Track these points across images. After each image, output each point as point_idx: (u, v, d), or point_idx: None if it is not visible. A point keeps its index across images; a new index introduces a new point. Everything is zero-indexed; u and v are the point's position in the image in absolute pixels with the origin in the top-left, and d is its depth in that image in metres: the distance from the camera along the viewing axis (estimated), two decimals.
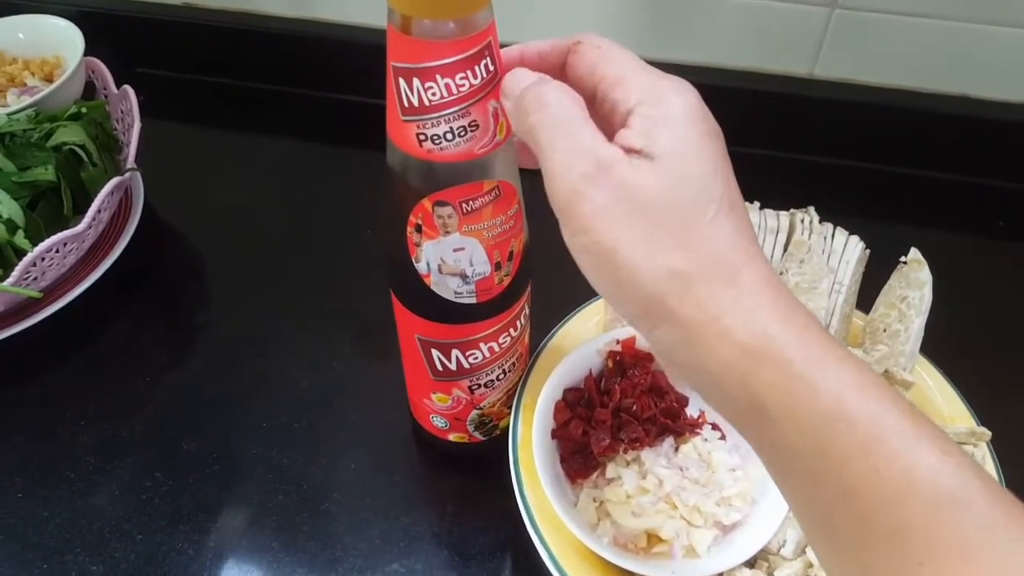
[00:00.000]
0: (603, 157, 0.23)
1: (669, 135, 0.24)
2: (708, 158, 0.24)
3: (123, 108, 0.59)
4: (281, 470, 0.47)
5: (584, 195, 0.23)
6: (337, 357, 0.53)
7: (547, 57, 0.29)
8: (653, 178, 0.23)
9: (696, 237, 0.23)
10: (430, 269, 0.33)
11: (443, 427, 0.44)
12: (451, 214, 0.31)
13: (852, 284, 0.46)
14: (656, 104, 0.24)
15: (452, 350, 0.38)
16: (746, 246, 0.23)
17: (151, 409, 0.51)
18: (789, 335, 0.22)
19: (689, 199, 0.23)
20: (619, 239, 0.23)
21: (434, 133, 0.28)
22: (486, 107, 0.29)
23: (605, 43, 0.27)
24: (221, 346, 0.54)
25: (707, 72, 0.66)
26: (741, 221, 0.24)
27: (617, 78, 0.25)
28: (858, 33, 0.61)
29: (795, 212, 0.47)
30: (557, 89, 0.25)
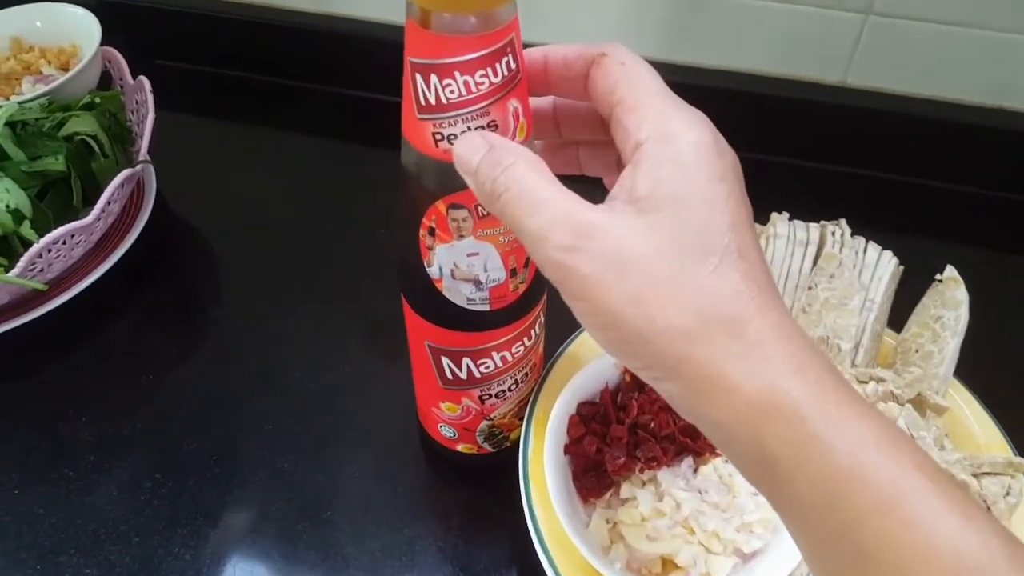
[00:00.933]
0: (580, 223, 0.22)
1: (671, 181, 0.22)
2: (712, 206, 0.22)
3: (138, 99, 0.58)
4: (283, 475, 0.46)
5: (569, 266, 0.22)
6: (345, 358, 0.51)
7: (572, 65, 0.27)
8: (643, 236, 0.22)
9: (696, 292, 0.21)
10: (442, 274, 0.32)
11: (452, 437, 0.42)
12: (466, 217, 0.30)
13: (884, 301, 0.44)
14: (664, 142, 0.23)
15: (463, 358, 0.36)
16: (755, 295, 0.22)
17: (154, 407, 0.49)
18: (802, 388, 0.21)
19: (686, 253, 0.22)
20: (615, 302, 0.22)
21: (451, 133, 0.27)
22: (506, 107, 0.27)
23: (630, 59, 0.26)
24: (228, 343, 0.53)
25: (735, 77, 0.64)
26: (752, 267, 0.22)
27: (633, 104, 0.24)
28: (893, 41, 0.59)
29: (826, 224, 0.45)
30: (512, 164, 0.24)
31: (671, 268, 0.22)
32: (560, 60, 0.27)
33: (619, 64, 0.25)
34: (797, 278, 0.44)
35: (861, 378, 0.41)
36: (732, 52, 0.63)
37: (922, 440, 0.39)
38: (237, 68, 0.75)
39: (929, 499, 0.20)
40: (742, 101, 0.63)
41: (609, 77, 0.25)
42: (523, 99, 0.28)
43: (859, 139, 0.63)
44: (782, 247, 0.44)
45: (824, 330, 0.42)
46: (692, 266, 0.22)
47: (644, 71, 0.25)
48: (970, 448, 0.41)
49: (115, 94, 0.56)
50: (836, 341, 0.42)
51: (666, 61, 0.64)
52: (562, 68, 0.27)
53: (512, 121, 0.28)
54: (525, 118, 0.28)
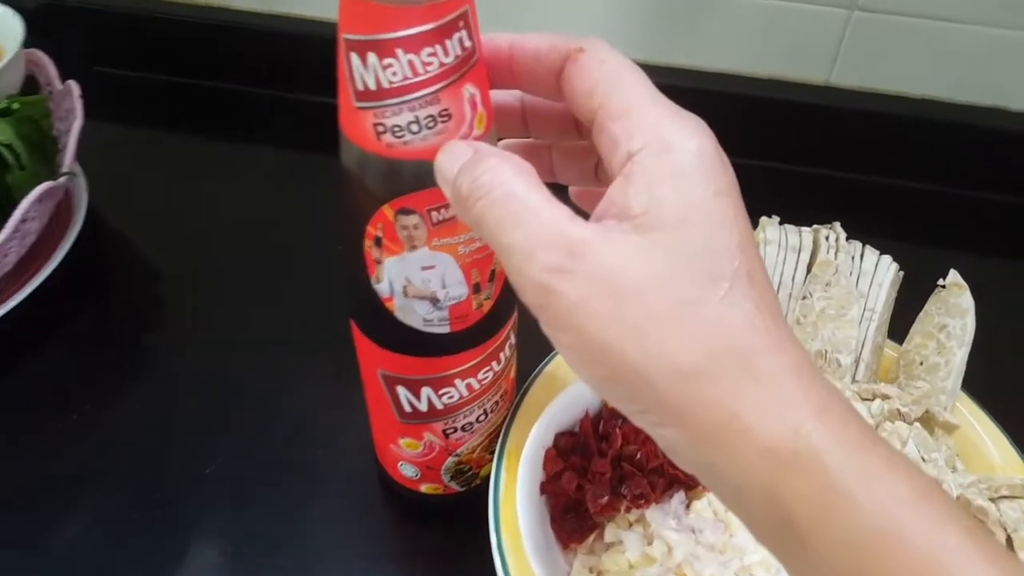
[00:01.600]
0: (572, 241, 0.19)
1: (672, 197, 0.19)
2: (719, 224, 0.19)
3: (67, 106, 0.53)
4: (227, 521, 0.41)
5: (556, 291, 0.19)
6: (296, 391, 0.46)
7: (543, 58, 0.24)
8: (642, 259, 0.19)
9: (703, 324, 0.19)
10: (393, 291, 0.27)
11: (413, 476, 0.37)
12: (418, 224, 0.25)
13: (885, 311, 0.40)
14: (662, 153, 0.20)
15: (422, 388, 0.32)
16: (768, 326, 0.19)
17: (77, 452, 0.44)
18: (824, 435, 0.18)
19: (692, 279, 0.19)
20: (607, 334, 0.19)
21: (395, 124, 0.23)
22: (460, 93, 0.23)
23: (612, 57, 0.22)
24: (166, 377, 0.48)
25: (713, 78, 0.60)
26: (762, 295, 0.19)
27: (622, 109, 0.21)
28: (879, 38, 0.57)
29: (819, 228, 0.42)
30: (497, 166, 0.21)
31: (676, 296, 0.19)
32: (529, 51, 0.24)
33: (599, 62, 0.22)
34: (790, 287, 0.40)
35: (864, 395, 0.37)
36: (709, 52, 0.60)
37: (934, 462, 0.35)
38: (183, 74, 0.70)
39: (971, 557, 0.17)
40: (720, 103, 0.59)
41: (588, 77, 0.22)
42: (481, 85, 0.24)
43: (846, 141, 0.60)
44: (773, 254, 0.40)
45: (821, 343, 0.39)
46: (699, 294, 0.19)
47: (628, 70, 0.22)
48: (983, 468, 0.38)
49: (38, 99, 0.51)
50: (835, 355, 0.38)
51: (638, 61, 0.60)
52: (531, 60, 0.24)
53: (469, 110, 0.24)
54: (484, 107, 0.24)
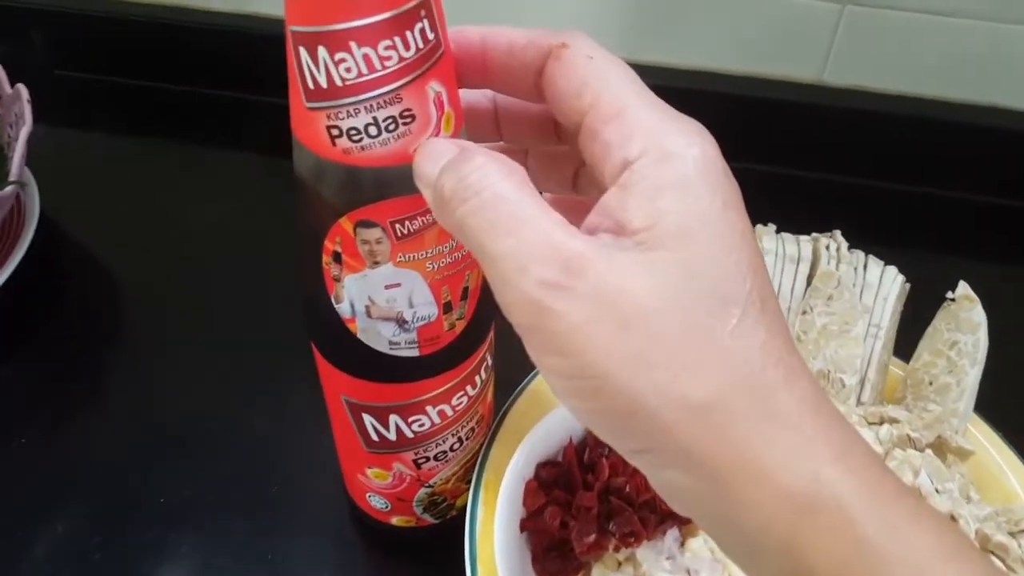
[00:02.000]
0: (571, 255, 0.17)
1: (677, 211, 0.17)
2: (729, 240, 0.17)
3: (16, 111, 0.50)
4: (179, 560, 0.37)
5: (552, 310, 0.17)
6: (260, 415, 0.43)
7: (518, 54, 0.21)
8: (649, 279, 0.17)
9: (716, 354, 0.17)
10: (355, 312, 0.25)
11: (383, 508, 0.34)
12: (380, 239, 0.23)
13: (891, 327, 0.37)
14: (664, 161, 0.18)
15: (389, 416, 0.29)
16: (782, 355, 0.17)
17: (22, 478, 0.41)
18: (847, 481, 0.16)
19: (702, 303, 0.17)
20: (610, 362, 0.17)
21: (351, 126, 0.20)
22: (424, 91, 0.21)
23: (599, 53, 0.20)
24: (121, 397, 0.45)
25: (701, 76, 0.58)
26: (774, 320, 0.17)
27: (614, 111, 0.19)
28: (874, 33, 0.54)
29: (818, 237, 0.39)
30: (486, 165, 0.18)
31: (686, 323, 0.17)
32: (503, 46, 0.22)
33: (586, 58, 0.20)
34: (789, 300, 0.37)
35: (871, 419, 0.35)
36: (693, 48, 0.57)
37: (948, 493, 0.33)
38: (147, 77, 0.66)
39: None
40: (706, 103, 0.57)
41: (575, 75, 0.20)
42: (448, 83, 0.22)
43: (842, 143, 0.57)
44: (770, 264, 0.37)
45: (824, 362, 0.36)
46: (711, 321, 0.17)
47: (617, 67, 0.20)
48: (1000, 498, 0.35)
49: None
50: (838, 375, 0.36)
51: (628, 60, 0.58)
52: (505, 57, 0.21)
53: (434, 110, 0.21)
54: (451, 107, 0.22)
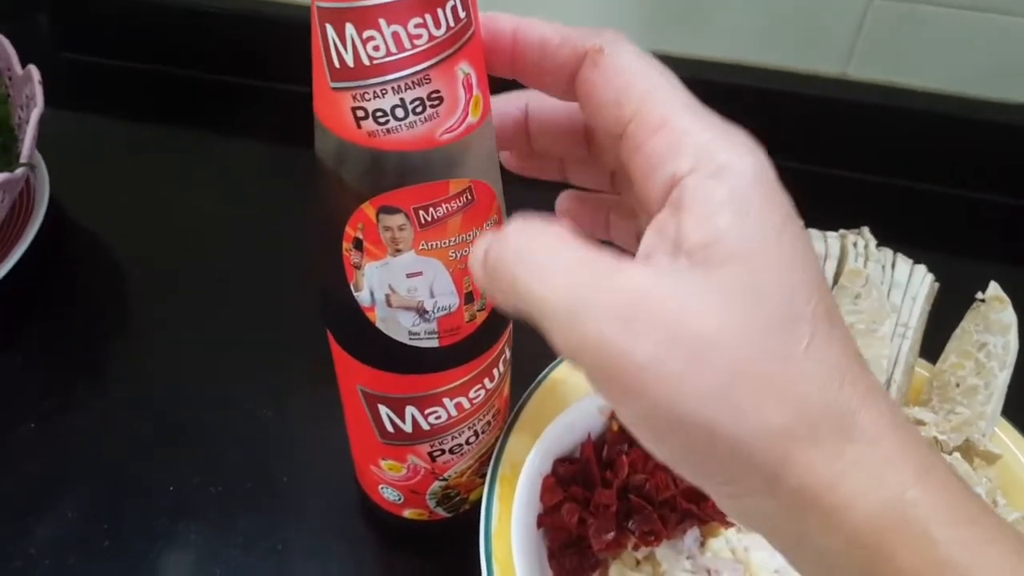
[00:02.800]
0: (627, 289, 0.16)
1: (738, 227, 0.16)
2: (791, 257, 0.17)
3: (27, 93, 0.49)
4: (187, 549, 0.37)
5: (615, 352, 0.16)
6: (271, 404, 0.43)
7: (552, 53, 0.20)
8: (714, 304, 0.16)
9: (792, 378, 0.16)
10: (375, 301, 0.24)
11: (396, 501, 0.34)
12: (403, 225, 0.22)
13: (918, 327, 0.36)
14: (716, 176, 0.17)
15: (406, 407, 0.28)
16: (857, 374, 0.17)
17: (31, 463, 0.40)
18: (931, 502, 0.16)
19: (773, 324, 0.16)
20: (682, 398, 0.16)
21: (378, 108, 0.20)
22: (453, 73, 0.20)
23: (638, 58, 0.19)
24: (128, 385, 0.44)
25: (722, 68, 0.57)
26: (846, 338, 0.17)
27: (658, 122, 0.18)
28: (901, 27, 0.53)
29: (846, 234, 0.38)
30: (524, 223, 0.18)
31: (760, 347, 0.16)
32: (536, 41, 0.20)
33: (625, 64, 0.19)
34: None
35: None
36: (715, 40, 0.56)
37: None
38: (157, 61, 0.66)
39: None
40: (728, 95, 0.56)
41: (614, 84, 0.19)
42: (477, 64, 0.21)
43: (865, 138, 0.56)
44: None
45: None
46: (783, 342, 0.16)
47: (658, 74, 0.19)
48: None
49: None
50: None
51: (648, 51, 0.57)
52: (537, 53, 0.20)
53: (463, 93, 0.20)
54: (480, 90, 0.21)
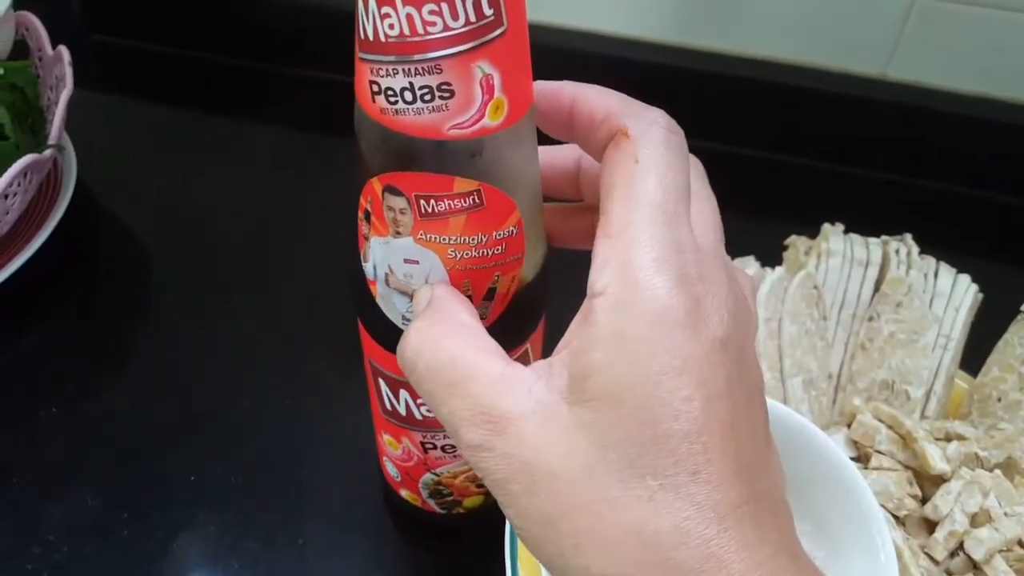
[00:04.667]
0: (494, 416, 0.17)
1: (609, 366, 0.16)
2: (658, 408, 0.16)
3: (57, 74, 0.49)
4: (207, 540, 0.36)
5: (480, 468, 0.17)
6: (295, 395, 0.42)
7: (595, 129, 0.20)
8: (565, 441, 0.16)
9: (623, 529, 0.16)
10: (376, 276, 0.24)
11: (395, 477, 0.34)
12: (404, 209, 0.21)
13: (961, 338, 0.35)
14: (617, 307, 0.16)
15: (400, 389, 0.28)
16: (708, 537, 0.15)
17: (52, 449, 0.40)
18: None
19: (616, 472, 0.16)
20: (523, 522, 0.17)
21: (388, 86, 0.19)
22: (469, 68, 0.19)
23: (652, 154, 0.18)
24: (151, 371, 0.44)
25: (759, 65, 0.56)
26: (713, 495, 0.16)
27: (614, 230, 0.17)
28: (945, 29, 0.51)
29: (888, 240, 0.37)
30: (431, 327, 0.20)
31: (595, 491, 0.16)
32: (585, 114, 0.20)
33: (632, 160, 0.18)
34: (855, 306, 0.35)
35: (937, 434, 0.33)
36: (753, 36, 0.55)
37: (1018, 517, 0.31)
38: (187, 45, 0.65)
39: None
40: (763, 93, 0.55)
41: (613, 172, 0.18)
42: (505, 68, 0.19)
43: (904, 141, 0.55)
44: (837, 267, 0.35)
45: (888, 372, 0.34)
46: (622, 492, 0.16)
47: (658, 176, 0.18)
48: None
49: (24, 65, 0.47)
50: (904, 387, 0.34)
51: (681, 45, 0.56)
52: (586, 126, 0.20)
53: (479, 93, 0.19)
54: (506, 95, 0.20)
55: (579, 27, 0.57)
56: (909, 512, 0.31)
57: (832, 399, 0.35)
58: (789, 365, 0.33)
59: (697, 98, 0.56)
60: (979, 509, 0.30)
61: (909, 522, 0.31)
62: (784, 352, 0.33)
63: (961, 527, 0.30)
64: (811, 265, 0.35)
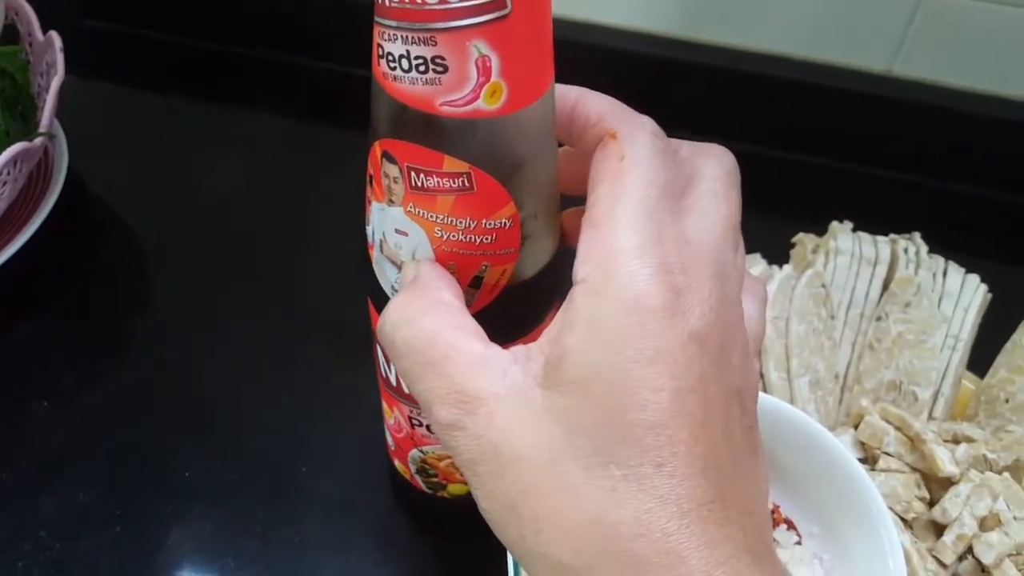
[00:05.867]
0: (466, 396, 0.17)
1: (582, 351, 0.16)
2: (625, 397, 0.16)
3: (48, 60, 0.48)
4: (201, 538, 0.36)
5: (450, 447, 0.18)
6: (293, 390, 0.42)
7: (590, 129, 0.20)
8: (533, 424, 0.16)
9: (582, 517, 0.16)
10: (373, 240, 0.24)
11: (391, 446, 0.34)
12: (397, 177, 0.21)
13: (969, 339, 0.35)
14: (594, 293, 0.17)
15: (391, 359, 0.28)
16: (668, 531, 0.15)
17: (45, 444, 0.39)
18: None
19: (580, 459, 0.16)
20: (488, 504, 0.17)
21: (389, 51, 0.19)
22: (464, 46, 0.18)
23: (636, 154, 0.18)
24: (146, 364, 0.43)
25: (763, 59, 0.55)
26: (676, 489, 0.15)
27: (597, 220, 0.18)
28: (953, 25, 0.51)
29: (896, 239, 0.36)
30: (408, 304, 0.20)
31: (558, 477, 0.16)
32: (583, 117, 0.21)
33: (619, 157, 0.19)
34: (863, 305, 0.35)
35: (945, 436, 0.32)
36: (757, 30, 0.54)
37: None
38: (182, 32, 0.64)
39: None
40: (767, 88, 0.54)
41: (599, 170, 0.19)
42: (503, 51, 0.19)
43: (910, 140, 0.54)
44: (845, 265, 0.35)
45: (896, 373, 0.34)
46: (585, 479, 0.16)
47: (640, 174, 0.18)
48: None
49: (13, 50, 0.46)
50: (911, 387, 0.33)
51: (685, 38, 0.55)
52: (581, 127, 0.21)
53: (474, 73, 0.19)
54: (505, 80, 0.19)
55: (583, 19, 0.56)
56: (917, 515, 0.30)
57: (839, 399, 0.34)
58: (796, 365, 0.33)
59: (700, 93, 0.55)
60: (988, 513, 0.30)
61: (917, 525, 0.30)
62: (791, 352, 0.33)
63: (970, 530, 0.29)
64: (819, 263, 0.35)
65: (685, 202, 0.19)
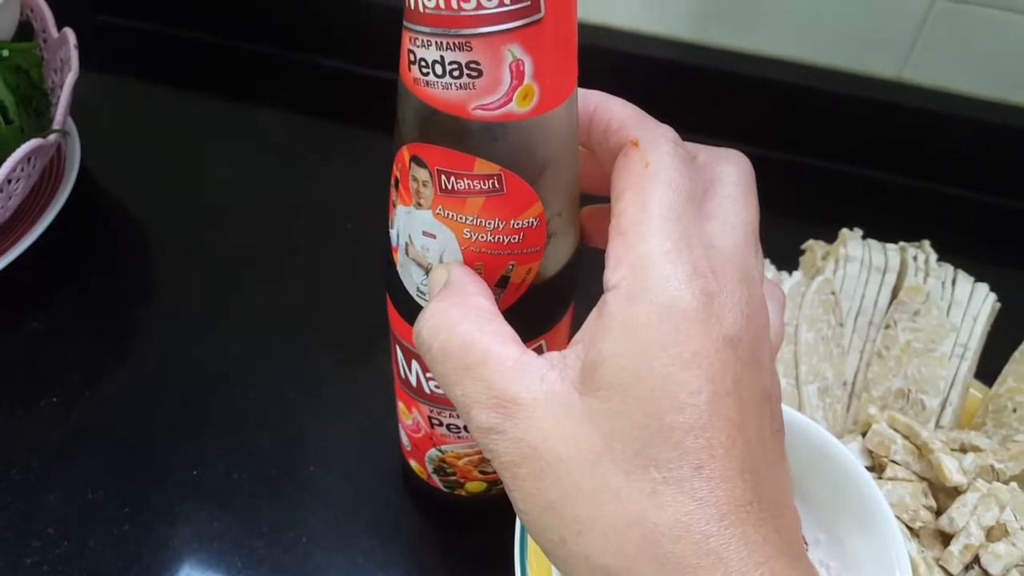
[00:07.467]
0: (505, 400, 0.18)
1: (620, 357, 0.16)
2: (665, 400, 0.16)
3: (62, 56, 0.48)
4: (210, 536, 0.36)
5: (490, 451, 0.18)
6: (301, 388, 0.42)
7: (609, 136, 0.21)
8: (573, 428, 0.17)
9: (624, 519, 0.16)
10: (398, 243, 0.24)
11: (406, 445, 0.34)
12: (427, 181, 0.22)
13: (978, 347, 0.35)
14: (629, 300, 0.17)
15: (412, 360, 0.28)
16: (708, 533, 0.15)
17: (53, 440, 0.39)
18: None
19: (621, 462, 0.16)
20: (527, 507, 0.17)
21: (422, 57, 0.19)
22: (499, 51, 0.19)
23: (659, 161, 0.18)
24: (155, 361, 0.43)
25: (772, 64, 0.55)
26: (715, 491, 0.15)
27: (626, 227, 0.18)
28: (964, 32, 0.51)
29: (906, 247, 0.36)
30: (447, 310, 0.20)
31: (599, 479, 0.16)
32: (603, 123, 0.21)
33: (643, 164, 0.19)
34: (871, 313, 0.35)
35: (953, 445, 0.32)
36: (767, 34, 0.54)
37: None
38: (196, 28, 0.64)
39: None
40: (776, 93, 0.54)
41: (624, 178, 0.19)
42: (536, 55, 0.19)
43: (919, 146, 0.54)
44: (854, 272, 0.35)
45: (904, 381, 0.34)
46: (626, 482, 0.16)
47: (665, 182, 0.18)
48: None
49: (29, 47, 0.46)
50: (919, 396, 0.33)
51: (696, 42, 0.55)
52: (601, 133, 0.21)
53: (508, 77, 0.19)
54: (537, 82, 0.19)
55: (595, 21, 0.56)
56: (924, 524, 0.30)
57: (847, 407, 0.34)
58: (805, 372, 0.33)
59: (709, 97, 0.55)
60: (995, 523, 0.30)
61: (924, 534, 0.30)
62: (800, 359, 0.33)
63: (977, 540, 0.29)
64: (829, 271, 0.35)
65: (706, 207, 0.19)
